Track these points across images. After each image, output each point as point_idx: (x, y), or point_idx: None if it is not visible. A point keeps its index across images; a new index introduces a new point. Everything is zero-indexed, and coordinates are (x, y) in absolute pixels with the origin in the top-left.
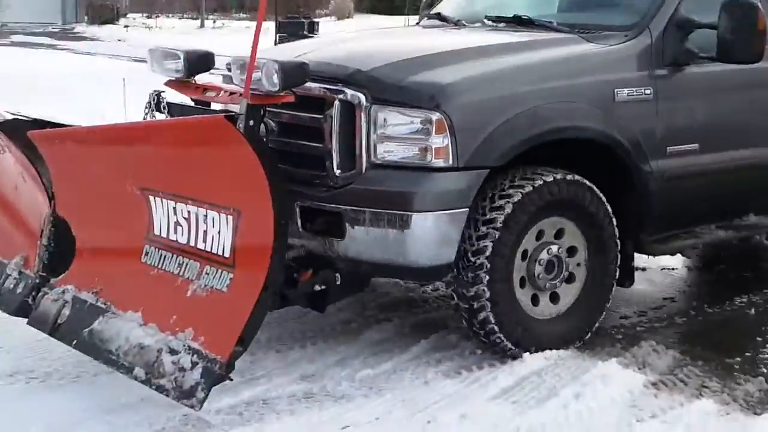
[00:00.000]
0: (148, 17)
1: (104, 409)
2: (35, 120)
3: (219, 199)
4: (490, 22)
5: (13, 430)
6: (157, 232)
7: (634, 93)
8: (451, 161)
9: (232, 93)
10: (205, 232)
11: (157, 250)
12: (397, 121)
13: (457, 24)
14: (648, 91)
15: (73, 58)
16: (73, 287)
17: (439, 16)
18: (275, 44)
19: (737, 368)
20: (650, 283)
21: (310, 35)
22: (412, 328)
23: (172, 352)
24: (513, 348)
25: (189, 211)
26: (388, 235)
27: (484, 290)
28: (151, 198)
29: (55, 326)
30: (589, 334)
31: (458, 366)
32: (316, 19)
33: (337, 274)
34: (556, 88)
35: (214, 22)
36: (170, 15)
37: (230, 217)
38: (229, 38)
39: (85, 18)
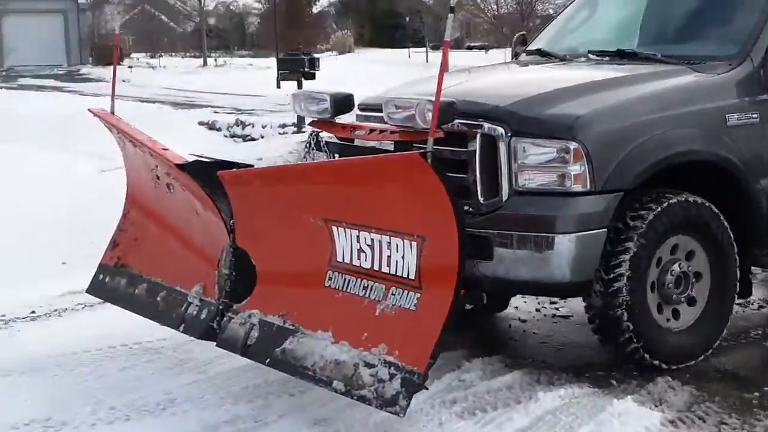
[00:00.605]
0: (151, 57)
1: None
2: (215, 161)
3: (403, 227)
4: (594, 57)
5: None
6: (339, 258)
7: (743, 118)
8: (588, 186)
9: (381, 131)
10: (389, 257)
11: (340, 275)
12: (537, 151)
13: (563, 59)
14: (755, 116)
15: (78, 99)
16: (258, 312)
17: (540, 52)
18: (278, 83)
19: (756, 403)
20: None
21: (311, 71)
22: None
23: (369, 365)
24: (648, 359)
25: (372, 239)
26: (533, 256)
27: (621, 305)
28: (334, 228)
29: (245, 347)
30: (711, 349)
31: (473, 406)
32: (316, 55)
33: (484, 294)
34: (676, 116)
35: (216, 60)
36: (173, 54)
37: (414, 243)
38: (233, 76)
39: (90, 59)
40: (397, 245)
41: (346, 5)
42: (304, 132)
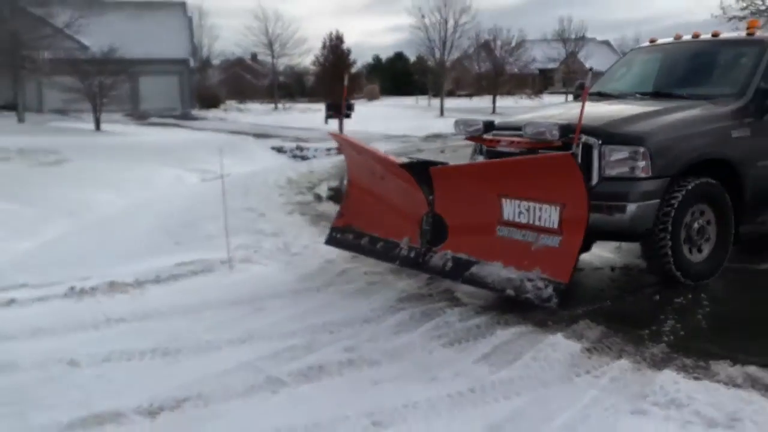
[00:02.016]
0: (239, 102)
1: None
2: (420, 161)
3: (550, 198)
4: (640, 96)
5: None
6: (506, 218)
7: (741, 132)
8: (650, 173)
9: (519, 142)
10: (539, 216)
11: (506, 227)
12: (618, 154)
13: (618, 97)
14: (748, 131)
15: (190, 132)
16: (450, 251)
17: (599, 94)
18: (325, 120)
19: (647, 337)
20: (586, 278)
21: (348, 113)
22: (422, 314)
23: (530, 280)
24: (681, 277)
25: (529, 206)
26: (615, 215)
27: (667, 245)
28: (503, 200)
29: (443, 272)
30: (719, 270)
31: (453, 339)
32: (352, 101)
33: None
34: (702, 131)
35: (284, 105)
36: (254, 101)
37: (558, 207)
38: (294, 116)
39: (197, 104)
40: (544, 209)
41: (373, 67)
42: (342, 155)
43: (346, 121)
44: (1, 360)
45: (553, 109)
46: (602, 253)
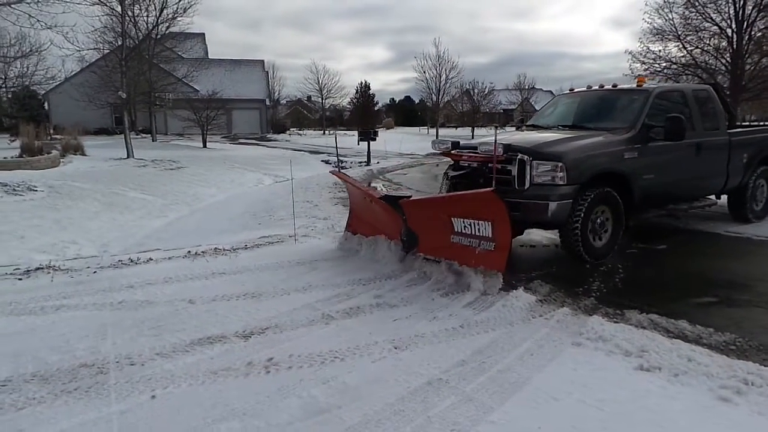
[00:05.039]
0: (299, 129)
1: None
2: (392, 195)
3: (484, 217)
4: (561, 127)
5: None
6: (457, 230)
7: (631, 154)
8: (565, 182)
9: (473, 156)
10: (479, 228)
11: (457, 236)
12: (543, 167)
13: (546, 128)
14: (636, 154)
15: (266, 149)
16: (422, 254)
17: (534, 125)
18: (358, 142)
19: (581, 293)
20: (538, 252)
21: (374, 137)
22: (426, 274)
23: (477, 272)
24: (587, 257)
25: (471, 222)
26: (540, 210)
27: (577, 233)
28: (453, 219)
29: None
30: (612, 252)
31: (447, 292)
32: (376, 129)
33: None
34: (603, 152)
35: (329, 132)
36: (309, 128)
37: (490, 223)
38: (337, 138)
39: (271, 130)
40: (482, 224)
41: (390, 106)
42: (369, 166)
43: (372, 142)
44: (145, 299)
45: (498, 136)
46: (549, 235)
